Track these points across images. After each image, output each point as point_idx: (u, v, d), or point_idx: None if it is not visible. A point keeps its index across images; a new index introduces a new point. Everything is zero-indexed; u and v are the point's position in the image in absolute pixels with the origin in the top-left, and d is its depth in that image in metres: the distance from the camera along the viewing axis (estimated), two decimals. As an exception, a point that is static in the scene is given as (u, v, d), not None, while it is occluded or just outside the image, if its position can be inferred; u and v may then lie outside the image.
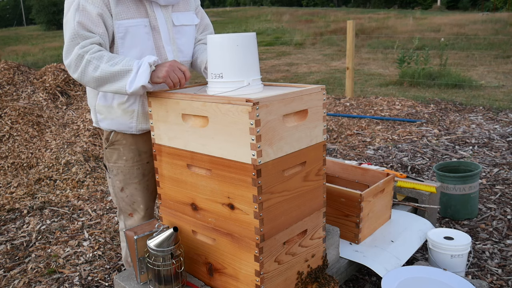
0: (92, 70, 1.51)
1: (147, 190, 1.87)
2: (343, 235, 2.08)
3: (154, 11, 1.67)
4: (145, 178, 1.85)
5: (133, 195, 1.85)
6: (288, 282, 1.55)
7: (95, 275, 2.39)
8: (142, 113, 1.73)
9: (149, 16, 1.65)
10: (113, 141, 1.80)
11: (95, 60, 1.51)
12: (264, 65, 10.66)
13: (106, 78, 1.52)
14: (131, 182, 1.83)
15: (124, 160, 1.81)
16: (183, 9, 1.79)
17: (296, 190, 1.49)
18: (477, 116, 5.20)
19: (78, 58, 1.52)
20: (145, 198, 1.87)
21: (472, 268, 2.23)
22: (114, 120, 1.75)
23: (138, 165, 1.82)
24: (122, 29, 1.60)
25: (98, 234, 2.84)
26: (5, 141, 4.38)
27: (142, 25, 1.63)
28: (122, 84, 1.51)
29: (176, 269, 1.53)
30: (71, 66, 1.55)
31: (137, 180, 1.83)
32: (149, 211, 1.91)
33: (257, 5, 42.01)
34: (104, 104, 1.74)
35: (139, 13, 1.64)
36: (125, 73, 1.51)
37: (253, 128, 1.28)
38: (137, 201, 1.86)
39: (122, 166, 1.81)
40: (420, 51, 7.89)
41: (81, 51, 1.52)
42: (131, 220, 1.90)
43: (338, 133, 4.86)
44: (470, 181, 2.69)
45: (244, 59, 1.45)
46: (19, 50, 16.13)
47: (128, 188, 1.84)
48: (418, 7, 31.85)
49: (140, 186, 1.84)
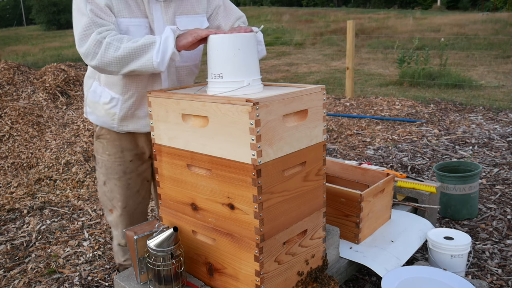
0: (113, 51, 1.48)
1: (127, 188, 1.85)
2: (343, 235, 2.08)
3: (152, 14, 1.62)
4: (126, 176, 1.84)
5: (112, 190, 1.85)
6: (288, 282, 1.55)
7: (95, 275, 2.39)
8: (123, 117, 1.72)
9: (148, 17, 1.62)
10: (99, 135, 1.83)
11: (115, 41, 1.48)
12: (264, 65, 10.66)
13: (130, 55, 1.48)
14: (112, 177, 1.83)
15: (107, 154, 1.82)
16: (191, 12, 1.72)
17: (296, 190, 1.49)
18: (477, 116, 5.20)
19: (96, 44, 1.49)
20: (124, 196, 1.86)
21: (472, 268, 2.23)
22: (99, 117, 1.78)
23: (120, 161, 1.82)
24: (123, 27, 1.58)
25: (98, 234, 2.84)
26: (5, 141, 4.38)
27: (143, 25, 1.61)
28: (148, 57, 1.47)
29: (176, 269, 1.53)
30: (89, 53, 1.51)
31: (117, 176, 1.83)
32: (128, 210, 1.89)
33: (257, 5, 41.99)
34: (92, 99, 1.76)
35: (140, 13, 1.61)
36: (150, 45, 1.47)
37: (253, 128, 1.28)
38: (116, 197, 1.86)
39: (105, 160, 1.83)
40: (420, 51, 7.89)
41: (99, 36, 1.48)
42: (111, 216, 1.91)
43: (338, 133, 4.86)
44: (470, 181, 2.69)
45: (244, 59, 1.45)
46: (19, 50, 16.13)
47: (109, 183, 1.85)
48: (418, 7, 31.83)
49: (119, 182, 1.84)
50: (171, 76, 1.73)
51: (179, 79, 1.78)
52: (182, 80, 1.79)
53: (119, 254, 2.03)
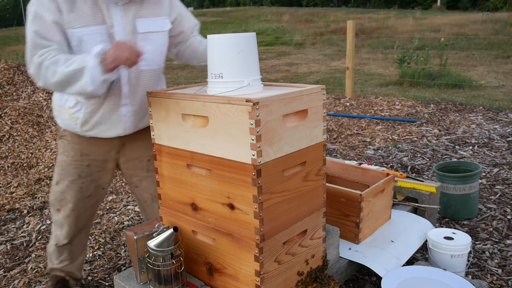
0: (51, 75, 1.50)
1: (79, 191, 1.84)
2: (343, 235, 2.08)
3: (111, 17, 1.57)
4: (80, 180, 1.83)
5: (63, 192, 1.85)
6: (288, 282, 1.55)
7: (95, 275, 2.39)
8: (85, 121, 1.71)
9: (106, 23, 1.57)
10: (62, 135, 1.84)
11: (52, 65, 1.49)
12: (264, 65, 10.67)
13: (66, 81, 1.49)
14: (65, 179, 1.83)
15: (65, 155, 1.82)
16: (152, 15, 1.68)
17: (296, 190, 1.49)
18: (477, 116, 5.20)
19: (38, 67, 1.51)
20: (75, 199, 1.85)
21: (472, 268, 2.23)
22: (63, 120, 1.78)
23: (77, 164, 1.81)
24: (75, 38, 1.55)
25: (98, 234, 2.84)
26: (5, 141, 4.38)
27: (98, 33, 1.56)
28: (82, 83, 1.48)
29: (176, 269, 1.53)
30: (35, 75, 1.55)
31: (71, 179, 1.82)
32: (76, 212, 1.88)
33: (257, 5, 42.00)
34: (59, 103, 1.76)
35: (95, 20, 1.56)
36: (81, 71, 1.46)
37: (253, 128, 1.28)
38: (66, 199, 1.85)
39: (62, 160, 1.84)
40: (420, 51, 7.89)
41: (39, 59, 1.51)
42: (57, 215, 1.91)
43: (338, 133, 4.86)
44: (470, 181, 2.69)
45: (244, 59, 1.45)
46: (19, 50, 16.10)
47: (61, 184, 1.84)
48: (418, 7, 31.86)
49: (73, 185, 1.83)
50: (132, 81, 1.67)
51: (143, 83, 1.71)
52: (146, 84, 1.73)
53: (53, 256, 2.02)
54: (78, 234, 1.97)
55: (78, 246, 2.03)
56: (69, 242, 1.97)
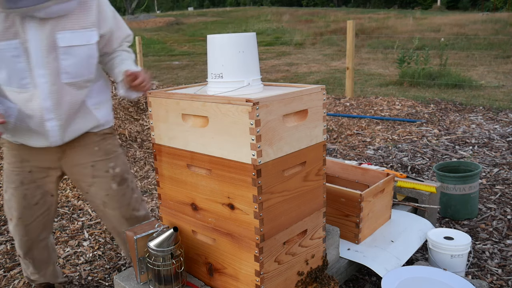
0: None
1: (23, 199, 1.78)
2: (343, 235, 2.08)
3: (25, 32, 1.49)
4: (23, 187, 1.77)
5: (9, 200, 1.81)
6: (288, 282, 1.55)
7: (95, 275, 2.39)
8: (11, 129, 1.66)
9: (20, 37, 1.49)
10: (2, 142, 1.79)
11: None
12: (264, 65, 10.67)
13: None
14: (9, 186, 1.79)
15: (7, 163, 1.79)
16: (77, 27, 1.57)
17: (296, 190, 1.49)
18: (477, 116, 5.20)
19: None
20: (21, 206, 1.79)
21: (472, 268, 2.23)
22: None
23: (18, 171, 1.77)
24: None
25: (98, 234, 2.84)
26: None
27: (9, 48, 1.49)
28: None
29: (176, 269, 1.53)
30: None
31: (14, 186, 1.78)
32: (23, 221, 1.82)
33: (257, 5, 42.02)
34: None
35: (6, 35, 1.48)
36: None
37: (253, 128, 1.28)
38: (12, 207, 1.81)
39: (6, 168, 1.80)
40: (420, 51, 7.89)
41: None
42: (10, 225, 1.86)
43: (338, 133, 4.86)
44: (470, 181, 2.69)
45: (244, 59, 1.45)
46: None
47: (8, 192, 1.81)
48: (418, 7, 31.86)
49: (16, 192, 1.78)
50: (53, 95, 1.59)
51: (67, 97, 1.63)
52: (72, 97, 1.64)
53: (23, 267, 1.99)
54: (33, 246, 1.89)
55: (40, 259, 1.96)
56: (26, 254, 1.91)
